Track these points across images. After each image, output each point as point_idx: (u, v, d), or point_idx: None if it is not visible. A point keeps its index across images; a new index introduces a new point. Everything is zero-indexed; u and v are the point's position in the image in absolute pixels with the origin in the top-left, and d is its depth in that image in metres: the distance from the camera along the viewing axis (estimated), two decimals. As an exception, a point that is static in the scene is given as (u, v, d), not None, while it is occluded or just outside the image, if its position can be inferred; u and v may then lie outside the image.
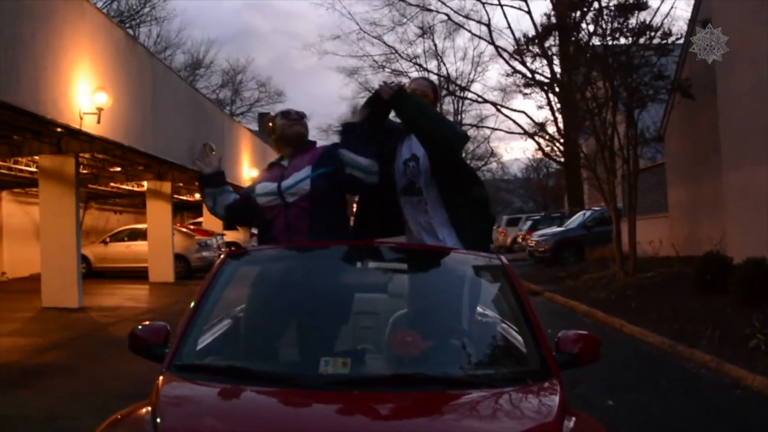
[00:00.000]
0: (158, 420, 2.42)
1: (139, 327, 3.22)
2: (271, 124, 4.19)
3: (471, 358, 3.14)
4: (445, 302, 3.52)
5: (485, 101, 33.23)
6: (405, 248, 3.97)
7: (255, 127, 55.50)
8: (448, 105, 44.63)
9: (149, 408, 2.56)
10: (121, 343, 3.29)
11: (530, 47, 19.16)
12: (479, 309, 3.67)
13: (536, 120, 27.22)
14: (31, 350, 9.40)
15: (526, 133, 28.56)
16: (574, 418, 2.56)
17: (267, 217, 3.96)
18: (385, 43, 35.43)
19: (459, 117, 44.28)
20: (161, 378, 2.76)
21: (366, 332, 3.66)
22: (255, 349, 3.30)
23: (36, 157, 14.54)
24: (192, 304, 3.18)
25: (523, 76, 24.45)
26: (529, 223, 29.52)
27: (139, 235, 21.75)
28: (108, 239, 22.54)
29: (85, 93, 11.51)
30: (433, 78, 36.40)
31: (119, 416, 2.67)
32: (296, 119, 4.07)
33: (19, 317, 12.34)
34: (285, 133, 4.06)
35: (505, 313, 3.38)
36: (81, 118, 11.35)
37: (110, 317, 12.61)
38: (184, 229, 23.43)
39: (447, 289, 3.57)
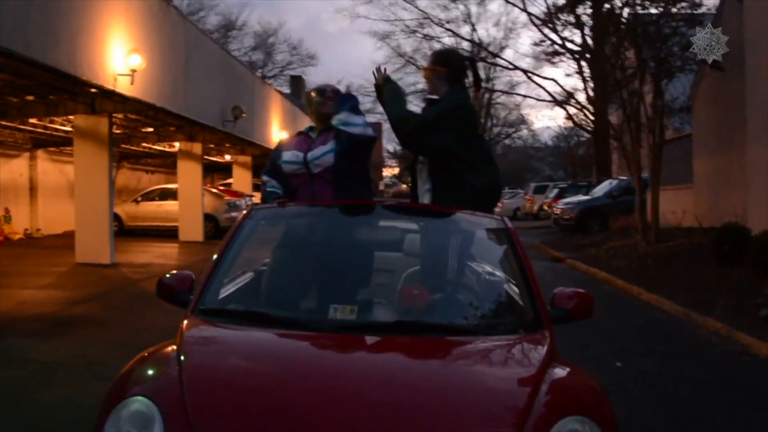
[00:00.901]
0: (182, 357, 2.70)
1: (167, 275, 3.51)
2: (311, 95, 4.37)
3: (470, 309, 3.42)
4: (451, 259, 3.77)
5: (516, 68, 33.07)
6: (419, 209, 4.21)
7: (287, 90, 55.80)
8: (480, 70, 44.43)
9: (173, 347, 2.84)
10: (151, 298, 3.57)
11: (561, 15, 19.09)
12: (483, 266, 3.93)
13: (566, 88, 27.10)
14: (65, 302, 9.81)
15: (555, 101, 28.49)
16: (559, 366, 2.80)
17: (292, 184, 4.18)
18: (417, 8, 35.27)
19: (491, 83, 44.11)
20: (185, 321, 3.04)
21: (380, 288, 3.94)
22: (272, 298, 3.58)
23: (71, 117, 14.93)
24: (215, 255, 3.45)
25: (553, 43, 24.35)
26: (555, 191, 29.54)
27: (170, 194, 22.16)
28: (140, 198, 22.99)
29: (120, 55, 11.80)
30: (465, 45, 36.30)
31: (146, 354, 2.95)
32: (331, 97, 4.27)
33: (54, 272, 12.79)
34: (319, 110, 4.27)
35: (507, 270, 3.63)
36: (115, 80, 11.66)
37: (141, 273, 13.02)
38: (213, 190, 23.81)
39: (454, 247, 3.81)
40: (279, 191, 4.13)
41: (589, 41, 22.18)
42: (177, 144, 21.38)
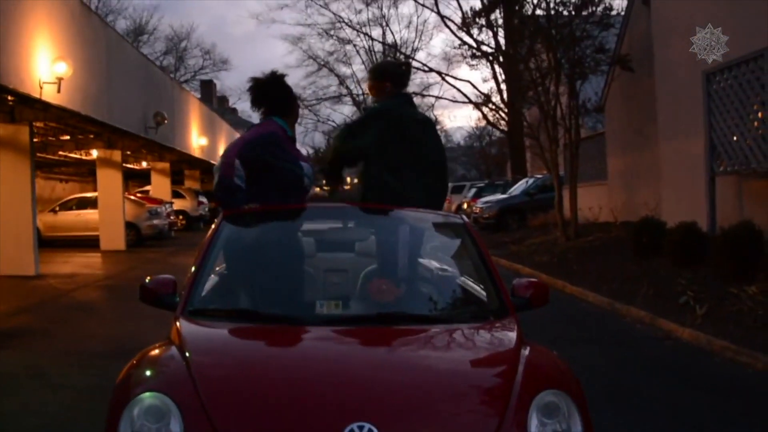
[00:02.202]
0: (187, 354, 2.85)
1: (147, 280, 3.63)
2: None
3: (440, 301, 3.73)
4: (411, 256, 4.03)
5: (431, 70, 33.71)
6: (375, 209, 4.37)
7: (198, 94, 55.08)
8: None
9: (171, 346, 2.99)
10: (86, 308, 3.71)
11: (477, 19, 19.63)
12: (445, 261, 4.21)
13: (481, 90, 27.82)
14: (0, 315, 9.64)
15: (471, 102, 29.18)
16: (529, 347, 3.11)
17: (299, 196, 4.20)
18: (331, 11, 35.58)
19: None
20: (178, 322, 3.20)
21: (335, 286, 4.16)
22: (255, 297, 3.75)
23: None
24: (196, 258, 3.61)
25: (469, 47, 24.96)
26: (473, 190, 30.23)
27: (89, 203, 21.75)
28: (57, 208, 22.47)
29: (45, 63, 11.63)
30: (377, 46, 36.71)
31: (136, 360, 3.02)
32: None
33: (-23, 285, 12.48)
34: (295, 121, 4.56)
35: (467, 264, 3.91)
36: (41, 88, 11.49)
37: (69, 283, 12.84)
38: (133, 198, 23.47)
39: (414, 244, 4.07)
40: (243, 187, 3.99)
41: (503, 43, 22.86)
42: (94, 152, 21.00)
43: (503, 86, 25.98)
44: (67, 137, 19.51)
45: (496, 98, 27.42)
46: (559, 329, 8.66)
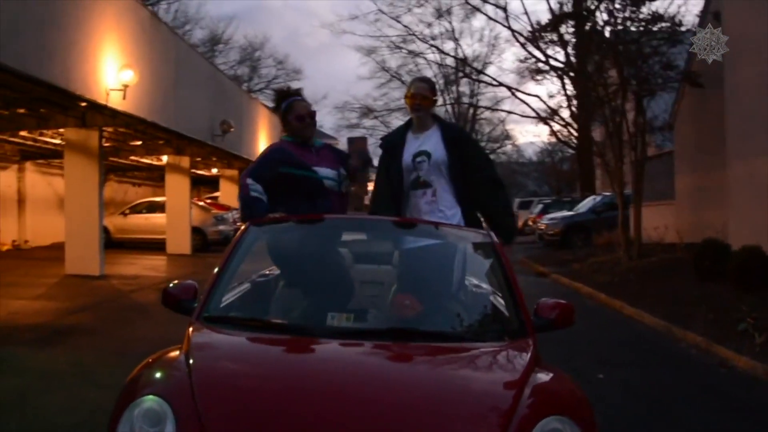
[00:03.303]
0: (191, 360, 2.87)
1: (171, 285, 3.68)
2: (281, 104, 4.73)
3: (458, 318, 3.65)
4: (439, 271, 3.98)
5: (500, 84, 33.44)
6: (407, 223, 4.40)
7: (272, 104, 55.92)
8: (464, 86, 44.91)
9: (180, 352, 3.02)
10: (142, 309, 3.75)
11: (545, 33, 19.42)
12: (470, 278, 4.14)
13: (550, 105, 27.45)
14: (58, 313, 9.92)
15: (539, 117, 28.86)
16: (543, 371, 3.00)
17: (328, 199, 4.39)
18: (402, 24, 35.67)
19: (475, 99, 44.49)
20: (191, 327, 3.22)
21: (373, 298, 4.14)
22: (272, 306, 3.76)
23: (61, 130, 15.06)
24: (217, 266, 3.64)
25: (537, 60, 24.71)
26: (540, 206, 29.86)
27: (158, 207, 22.25)
28: (127, 211, 23.05)
29: (112, 70, 11.98)
30: (449, 61, 36.67)
31: (154, 358, 3.11)
32: (310, 123, 4.59)
33: (45, 283, 12.88)
34: (302, 133, 4.56)
35: (492, 282, 3.83)
36: (107, 94, 11.83)
37: (131, 285, 13.14)
38: (201, 203, 23.92)
39: (442, 260, 4.02)
40: (264, 198, 4.25)
41: (573, 59, 22.55)
42: (165, 157, 21.51)
43: (573, 101, 25.57)
44: (138, 143, 20.03)
45: (565, 114, 27.05)
46: (610, 351, 8.47)
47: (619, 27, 15.17)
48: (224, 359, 3.03)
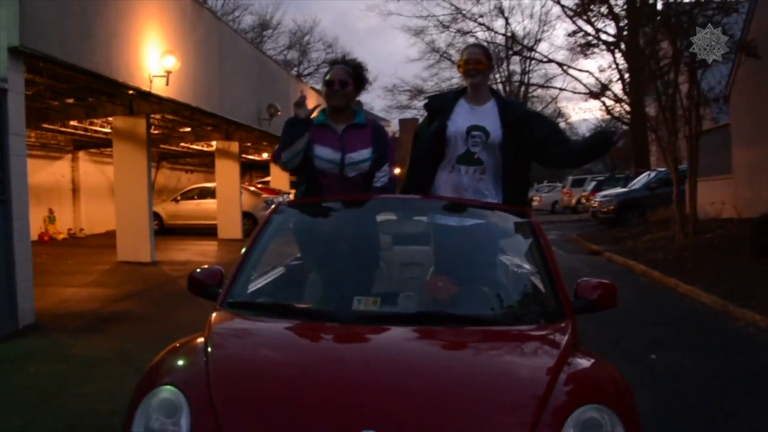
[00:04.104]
0: (209, 348, 2.79)
1: (197, 270, 3.60)
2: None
3: (491, 300, 3.45)
4: (476, 252, 3.81)
5: (550, 60, 32.88)
6: (445, 202, 4.17)
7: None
8: (515, 65, 44.32)
9: (202, 339, 2.94)
10: (189, 295, 3.66)
11: (594, 5, 18.92)
12: (508, 258, 3.96)
13: (601, 80, 26.80)
14: (106, 300, 10.03)
15: (591, 93, 28.23)
16: (581, 356, 2.82)
17: (321, 182, 4.05)
18: (450, 2, 35.26)
19: (527, 77, 43.90)
20: (214, 313, 3.14)
21: (405, 280, 4.01)
22: (299, 291, 3.66)
23: (110, 119, 15.23)
24: (243, 250, 3.55)
25: (587, 34, 24.14)
26: (593, 183, 29.30)
27: (209, 193, 22.45)
28: (179, 197, 23.31)
29: (155, 57, 12.00)
30: (499, 39, 36.16)
31: (177, 344, 3.06)
32: (337, 90, 4.11)
33: (96, 270, 13.07)
34: (329, 101, 4.17)
35: (530, 262, 3.66)
36: (151, 81, 11.86)
37: (180, 271, 13.23)
38: (251, 188, 24.04)
39: (479, 240, 3.86)
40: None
41: (624, 32, 21.97)
42: (214, 143, 21.65)
43: (625, 75, 24.93)
44: (187, 129, 20.19)
45: (617, 88, 26.41)
46: (662, 331, 8.20)
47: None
48: (242, 347, 2.94)
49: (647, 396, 5.38)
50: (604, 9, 18.92)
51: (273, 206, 3.91)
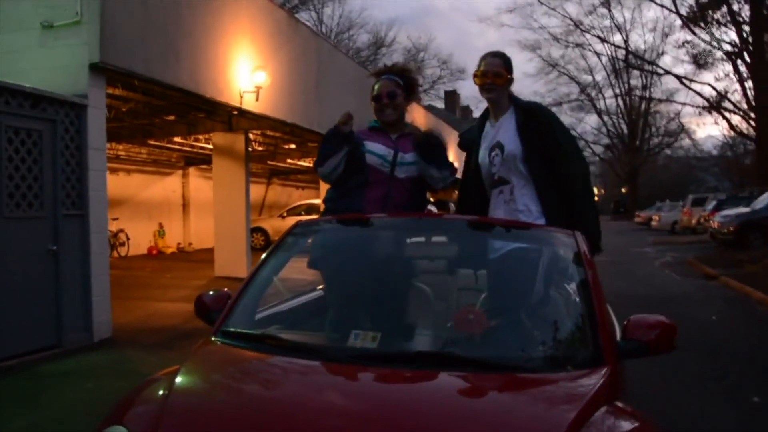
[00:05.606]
0: (174, 384, 2.49)
1: (208, 293, 3.31)
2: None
3: (513, 340, 2.91)
4: (513, 282, 3.34)
5: (667, 73, 31.36)
6: (481, 223, 3.79)
7: (440, 104, 56.02)
8: (635, 79, 42.84)
9: (172, 373, 2.65)
10: None
11: (711, 12, 17.79)
12: (546, 289, 3.44)
13: (720, 92, 25.25)
14: (190, 315, 9.86)
15: (710, 105, 26.69)
16: (615, 414, 2.29)
17: (369, 179, 3.86)
18: (565, 15, 34.50)
19: (648, 92, 42.37)
20: (199, 344, 2.84)
21: (425, 314, 3.57)
22: (312, 322, 3.30)
23: (211, 135, 15.46)
24: (248, 275, 3.24)
25: (706, 43, 22.80)
26: (714, 203, 27.64)
27: (315, 210, 22.51)
28: (285, 213, 23.55)
29: (245, 72, 11.97)
30: (620, 53, 34.94)
31: (154, 376, 2.81)
32: (387, 104, 3.97)
33: (192, 285, 13.18)
34: (378, 116, 4.04)
35: (571, 296, 3.14)
36: (241, 97, 11.83)
37: (275, 288, 13.14)
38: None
39: (517, 268, 3.37)
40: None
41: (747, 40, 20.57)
42: (316, 159, 21.64)
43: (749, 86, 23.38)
44: (293, 146, 20.28)
45: (739, 100, 24.79)
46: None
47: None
48: (209, 385, 2.60)
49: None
50: (718, 15, 17.74)
51: (288, 229, 3.58)
